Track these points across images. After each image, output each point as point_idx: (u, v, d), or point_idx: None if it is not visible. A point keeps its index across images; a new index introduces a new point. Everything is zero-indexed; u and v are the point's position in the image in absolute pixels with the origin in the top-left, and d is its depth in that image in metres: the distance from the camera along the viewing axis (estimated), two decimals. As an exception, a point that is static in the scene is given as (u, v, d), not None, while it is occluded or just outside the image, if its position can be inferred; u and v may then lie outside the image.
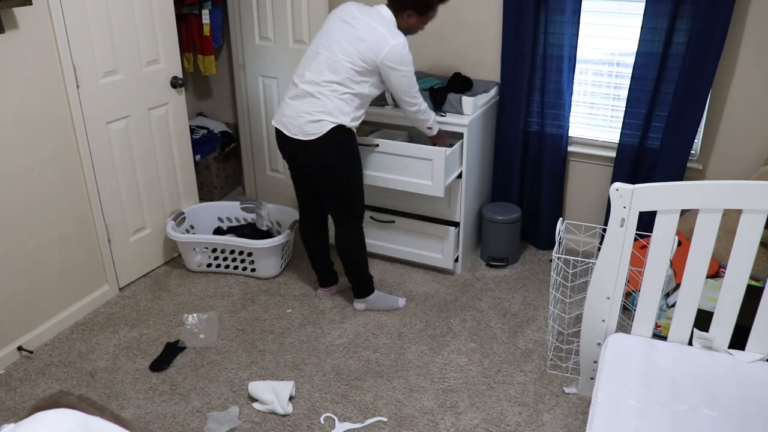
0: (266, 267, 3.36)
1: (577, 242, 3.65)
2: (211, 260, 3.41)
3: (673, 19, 2.96)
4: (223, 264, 3.41)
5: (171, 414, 2.52)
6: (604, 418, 1.86)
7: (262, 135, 3.98)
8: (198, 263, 3.43)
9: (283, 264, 3.45)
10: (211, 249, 3.39)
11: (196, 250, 3.40)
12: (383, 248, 3.54)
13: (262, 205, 3.56)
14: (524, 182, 3.62)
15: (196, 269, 3.45)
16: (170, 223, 3.40)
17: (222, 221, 3.70)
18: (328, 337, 2.96)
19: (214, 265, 3.42)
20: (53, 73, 2.77)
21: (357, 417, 2.50)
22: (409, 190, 3.13)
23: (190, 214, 3.58)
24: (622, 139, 3.27)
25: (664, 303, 2.73)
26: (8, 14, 2.54)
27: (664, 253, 2.13)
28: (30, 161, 2.75)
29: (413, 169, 3.08)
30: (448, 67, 3.61)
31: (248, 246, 3.28)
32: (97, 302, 3.19)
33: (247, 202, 3.63)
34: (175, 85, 3.34)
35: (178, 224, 3.48)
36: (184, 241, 3.36)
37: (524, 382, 2.67)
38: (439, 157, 2.99)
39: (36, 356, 2.85)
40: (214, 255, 3.40)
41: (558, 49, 3.23)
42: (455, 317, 3.09)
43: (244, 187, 4.28)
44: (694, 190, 2.01)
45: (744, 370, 2.06)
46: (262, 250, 3.29)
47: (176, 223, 3.46)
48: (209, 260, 3.41)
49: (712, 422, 1.84)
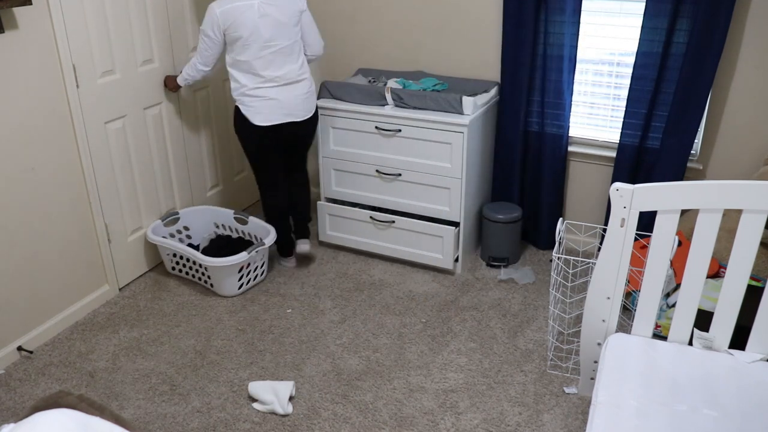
0: (224, 285, 3.23)
1: (577, 242, 3.65)
2: (181, 266, 3.37)
3: (674, 19, 2.96)
4: (190, 273, 3.36)
5: (171, 414, 2.52)
6: (605, 418, 1.86)
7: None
8: (170, 267, 3.43)
9: (243, 284, 3.27)
10: (178, 256, 3.33)
11: (168, 255, 3.38)
12: (383, 248, 3.54)
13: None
14: (524, 182, 3.62)
15: (170, 272, 3.45)
16: (156, 222, 3.40)
17: (218, 227, 3.65)
18: (328, 337, 2.96)
19: (184, 272, 3.38)
20: (53, 73, 2.77)
21: (357, 417, 2.50)
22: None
23: (186, 216, 3.56)
24: (622, 139, 3.27)
25: (665, 303, 2.73)
26: (8, 14, 2.54)
27: (664, 253, 2.13)
28: (30, 161, 2.75)
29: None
30: (448, 67, 3.61)
31: (204, 262, 3.17)
32: (97, 302, 3.19)
33: (241, 213, 3.55)
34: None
35: (168, 224, 3.46)
36: (154, 242, 3.34)
37: (524, 382, 2.67)
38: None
39: (36, 356, 2.85)
40: (182, 263, 3.35)
41: (558, 49, 3.23)
42: (455, 317, 3.09)
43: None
44: (694, 190, 2.01)
45: (744, 370, 2.06)
46: (217, 268, 3.18)
47: (165, 222, 3.44)
48: (178, 266, 3.38)
49: (712, 422, 1.84)
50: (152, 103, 3.31)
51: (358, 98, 3.35)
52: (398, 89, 3.29)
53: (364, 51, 3.79)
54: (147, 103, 3.27)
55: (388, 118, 3.28)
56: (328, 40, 3.85)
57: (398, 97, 3.28)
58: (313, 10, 3.80)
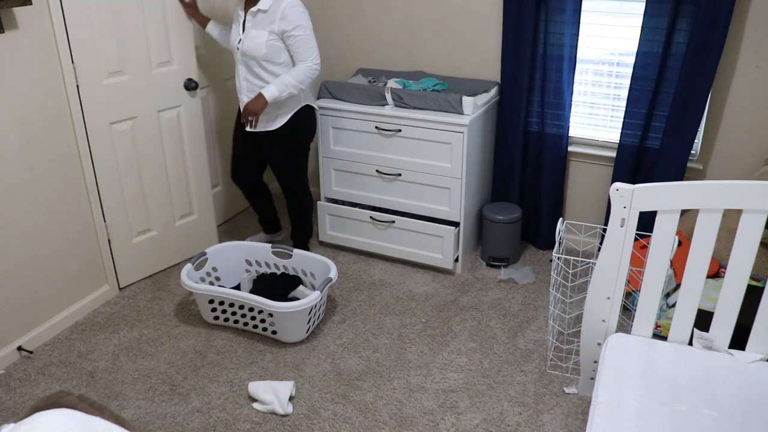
0: (292, 332, 2.88)
1: (577, 242, 3.65)
2: (229, 315, 2.96)
3: (674, 19, 2.96)
4: (242, 321, 2.95)
5: (171, 414, 2.52)
6: (605, 419, 1.86)
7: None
8: (212, 318, 3.01)
9: (310, 328, 2.95)
10: (228, 303, 2.92)
11: (207, 303, 2.95)
12: (383, 248, 3.54)
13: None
14: (524, 182, 3.62)
15: (212, 321, 3.03)
16: (187, 267, 3.02)
17: (251, 264, 3.28)
18: (328, 337, 2.96)
19: (232, 320, 2.98)
20: (53, 73, 2.77)
21: (357, 417, 2.50)
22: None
23: (213, 255, 3.18)
24: (623, 139, 3.27)
25: (665, 303, 2.73)
26: (8, 14, 2.54)
27: (664, 253, 2.13)
28: (30, 161, 2.75)
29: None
30: (448, 67, 3.61)
31: (274, 308, 2.77)
32: (97, 302, 3.19)
33: (280, 247, 3.19)
34: (189, 87, 3.28)
35: (197, 267, 3.09)
36: (191, 290, 2.91)
37: (524, 382, 2.67)
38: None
39: (36, 356, 2.85)
40: (230, 310, 2.94)
41: (558, 48, 3.23)
42: (455, 317, 3.09)
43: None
44: (694, 190, 2.01)
45: (744, 370, 2.06)
46: (286, 314, 2.80)
47: (195, 265, 3.08)
48: (224, 314, 2.97)
49: (712, 422, 1.84)
50: (169, 105, 3.24)
51: (358, 98, 3.35)
52: (398, 89, 3.29)
53: (364, 51, 3.79)
54: (162, 106, 3.21)
55: (388, 118, 3.28)
56: (328, 40, 3.86)
57: (398, 97, 3.28)
58: (314, 10, 3.81)
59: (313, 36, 3.01)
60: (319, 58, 3.03)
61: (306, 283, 3.19)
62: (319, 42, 3.82)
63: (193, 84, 3.29)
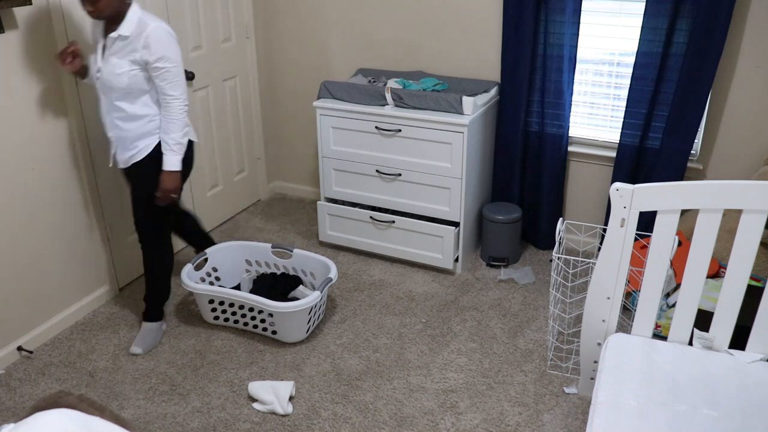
0: (292, 332, 2.89)
1: (577, 242, 3.65)
2: (228, 315, 2.97)
3: (674, 19, 2.97)
4: (242, 321, 2.96)
5: (171, 414, 2.52)
6: (605, 419, 1.86)
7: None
8: (212, 318, 3.02)
9: (310, 328, 2.96)
10: (228, 303, 2.93)
11: (207, 303, 2.97)
12: (383, 248, 3.54)
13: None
14: (524, 182, 3.62)
15: (212, 321, 3.05)
16: (187, 267, 3.03)
17: (251, 264, 3.28)
18: (328, 337, 2.96)
19: (232, 320, 2.99)
20: (53, 73, 2.77)
21: (357, 417, 2.50)
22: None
23: (214, 255, 3.18)
24: (623, 139, 3.27)
25: (665, 303, 2.73)
26: (8, 14, 2.54)
27: (664, 253, 2.13)
28: (30, 161, 2.75)
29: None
30: (448, 67, 3.61)
31: (274, 308, 2.78)
32: (97, 302, 3.19)
33: (282, 246, 3.20)
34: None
35: (197, 267, 3.09)
36: (192, 290, 2.92)
37: (524, 382, 2.67)
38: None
39: (36, 356, 2.85)
40: (230, 310, 2.95)
41: (558, 49, 3.23)
42: (455, 317, 3.09)
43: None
44: (694, 190, 2.01)
45: (744, 370, 2.06)
46: (287, 314, 2.81)
47: (195, 266, 3.08)
48: (224, 314, 2.98)
49: (712, 422, 1.84)
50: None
51: (358, 98, 3.35)
52: (398, 89, 3.29)
53: (364, 51, 3.79)
54: None
55: (388, 118, 3.28)
56: (328, 40, 3.86)
57: (398, 97, 3.28)
58: (313, 10, 3.81)
59: (181, 69, 2.55)
60: (186, 94, 2.59)
61: (306, 283, 3.19)
62: (320, 42, 3.85)
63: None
